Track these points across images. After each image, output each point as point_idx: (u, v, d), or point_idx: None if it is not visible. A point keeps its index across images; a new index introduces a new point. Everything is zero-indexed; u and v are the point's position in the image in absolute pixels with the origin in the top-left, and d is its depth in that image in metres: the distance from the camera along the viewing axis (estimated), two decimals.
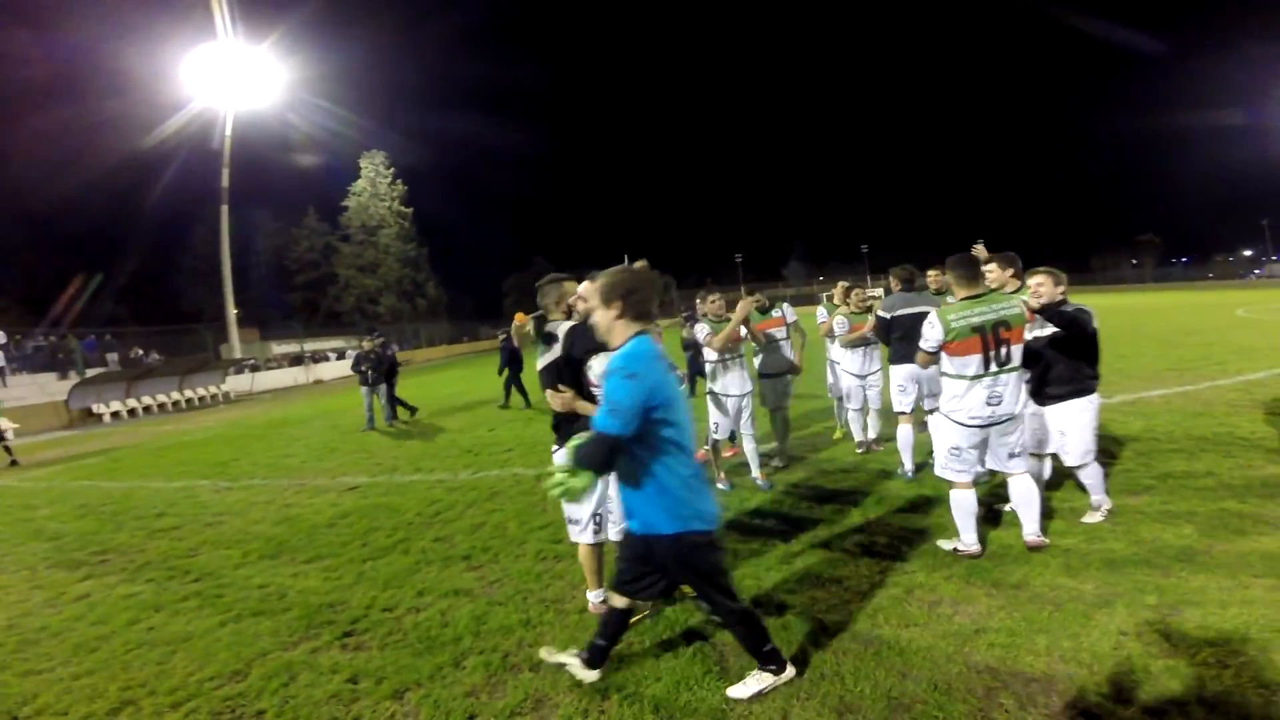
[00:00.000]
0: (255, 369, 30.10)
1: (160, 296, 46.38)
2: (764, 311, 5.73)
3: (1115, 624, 2.86)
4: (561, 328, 3.23)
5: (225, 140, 34.06)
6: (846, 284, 6.42)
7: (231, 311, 34.06)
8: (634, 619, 3.22)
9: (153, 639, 3.72)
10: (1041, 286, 3.80)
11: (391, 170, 52.51)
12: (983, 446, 3.64)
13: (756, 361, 5.70)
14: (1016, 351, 3.57)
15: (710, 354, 5.29)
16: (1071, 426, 3.88)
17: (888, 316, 5.35)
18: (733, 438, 5.90)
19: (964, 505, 3.64)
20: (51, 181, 39.81)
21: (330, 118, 46.00)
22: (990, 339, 3.49)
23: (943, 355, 3.62)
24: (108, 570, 5.06)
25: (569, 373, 3.13)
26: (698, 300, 6.89)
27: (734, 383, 5.24)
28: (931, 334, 3.59)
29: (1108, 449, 5.57)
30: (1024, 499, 3.70)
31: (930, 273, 5.95)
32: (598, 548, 3.39)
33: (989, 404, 3.52)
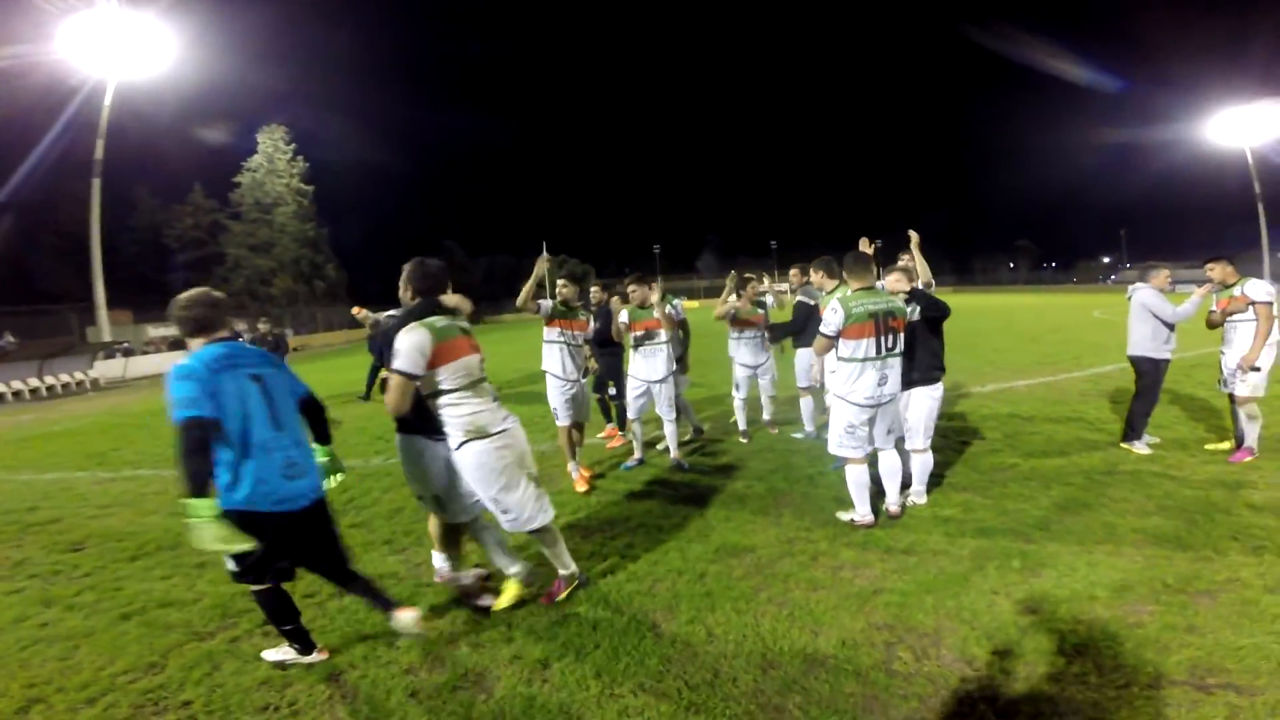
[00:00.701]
0: (129, 353, 27.55)
1: (16, 276, 41.12)
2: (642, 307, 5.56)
3: (989, 585, 3.30)
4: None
5: (103, 111, 30.77)
6: (748, 276, 6.54)
7: (100, 292, 30.86)
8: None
9: (49, 635, 3.49)
10: (899, 283, 4.40)
11: (292, 146, 49.20)
12: (872, 424, 4.07)
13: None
14: (901, 339, 4.02)
15: (634, 337, 5.52)
16: (919, 411, 4.36)
17: (812, 303, 5.82)
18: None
19: (858, 479, 4.06)
20: None
21: (225, 90, 42.52)
22: (882, 325, 3.91)
23: (839, 340, 3.99)
24: None
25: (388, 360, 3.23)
26: (592, 289, 6.88)
27: (642, 368, 5.48)
28: (834, 319, 3.95)
29: (979, 430, 6.27)
30: (890, 471, 4.22)
31: (791, 272, 6.48)
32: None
33: (879, 385, 3.95)
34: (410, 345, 2.94)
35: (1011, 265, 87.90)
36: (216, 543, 2.43)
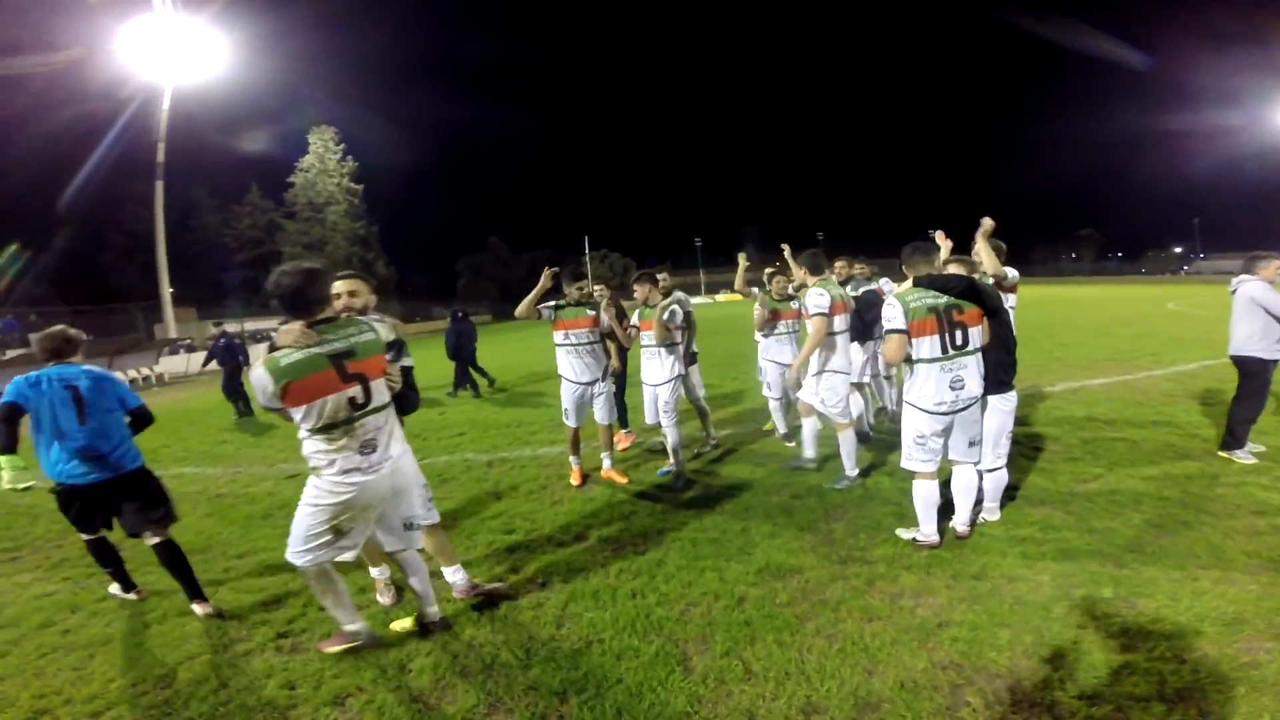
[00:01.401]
0: (192, 349, 28.51)
1: (89, 275, 43.42)
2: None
3: (1074, 617, 2.87)
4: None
5: (162, 115, 32.23)
6: (770, 269, 6.09)
7: (166, 290, 32.34)
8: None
9: (69, 643, 3.41)
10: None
11: (342, 146, 50.61)
12: (947, 434, 3.61)
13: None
14: (974, 334, 3.53)
15: (643, 339, 5.21)
16: (989, 424, 3.77)
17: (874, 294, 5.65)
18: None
19: (926, 495, 3.63)
20: None
21: (277, 92, 43.98)
22: (945, 321, 3.46)
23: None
24: (20, 568, 4.64)
25: None
26: (596, 288, 6.32)
27: (648, 371, 5.18)
28: (895, 314, 3.49)
29: (1054, 435, 5.70)
30: (964, 489, 3.74)
31: (837, 263, 6.02)
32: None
33: (952, 388, 3.47)
34: (257, 383, 2.60)
35: (1074, 255, 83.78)
36: (10, 484, 3.31)
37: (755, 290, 6.04)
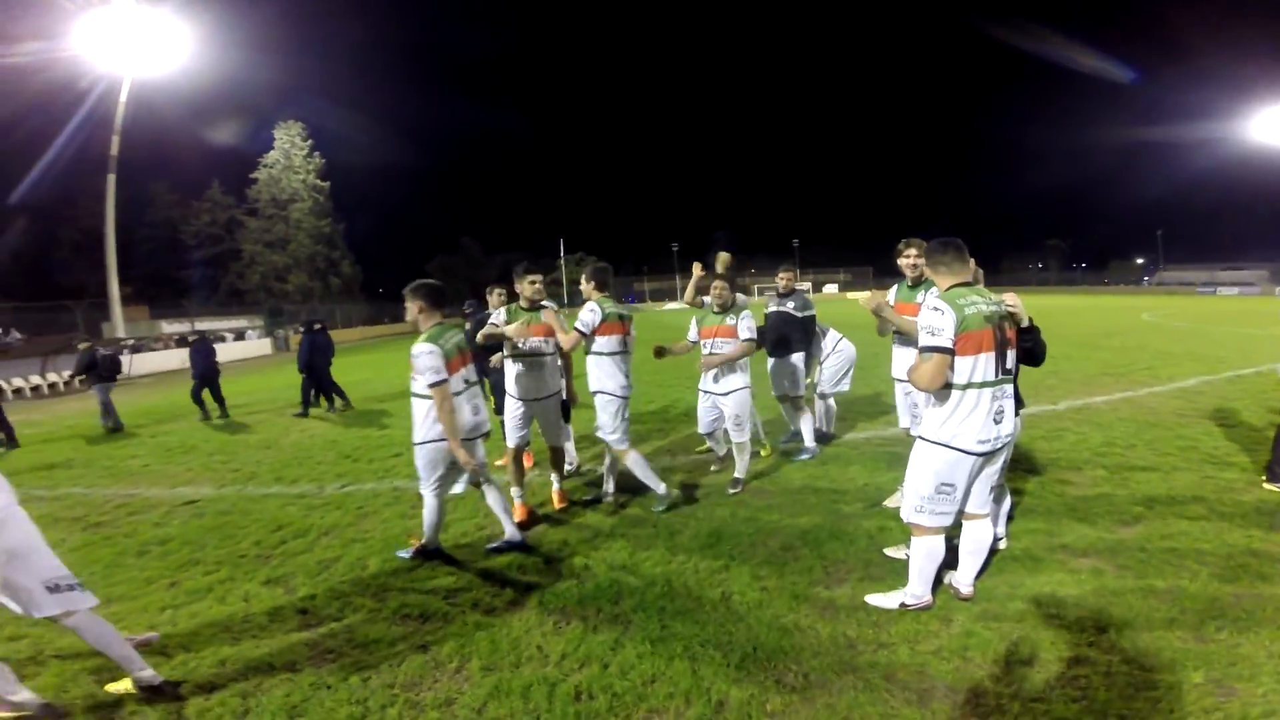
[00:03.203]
0: (137, 350, 26.97)
1: (36, 272, 41.24)
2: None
3: (1161, 718, 2.12)
4: None
5: (119, 107, 30.90)
6: (703, 275, 5.29)
7: (115, 287, 30.79)
8: None
9: None
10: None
11: (309, 142, 49.00)
12: (974, 478, 2.85)
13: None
14: (1012, 357, 2.82)
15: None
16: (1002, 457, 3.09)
17: (797, 314, 5.64)
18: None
19: (932, 551, 2.88)
20: None
21: (245, 86, 42.39)
22: (999, 335, 2.71)
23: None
24: None
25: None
26: (496, 292, 5.85)
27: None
28: (943, 322, 2.65)
29: (1077, 464, 5.02)
30: (979, 548, 3.02)
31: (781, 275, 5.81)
32: None
33: (995, 421, 2.72)
34: None
35: (1040, 265, 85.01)
36: None
37: (706, 300, 5.08)
